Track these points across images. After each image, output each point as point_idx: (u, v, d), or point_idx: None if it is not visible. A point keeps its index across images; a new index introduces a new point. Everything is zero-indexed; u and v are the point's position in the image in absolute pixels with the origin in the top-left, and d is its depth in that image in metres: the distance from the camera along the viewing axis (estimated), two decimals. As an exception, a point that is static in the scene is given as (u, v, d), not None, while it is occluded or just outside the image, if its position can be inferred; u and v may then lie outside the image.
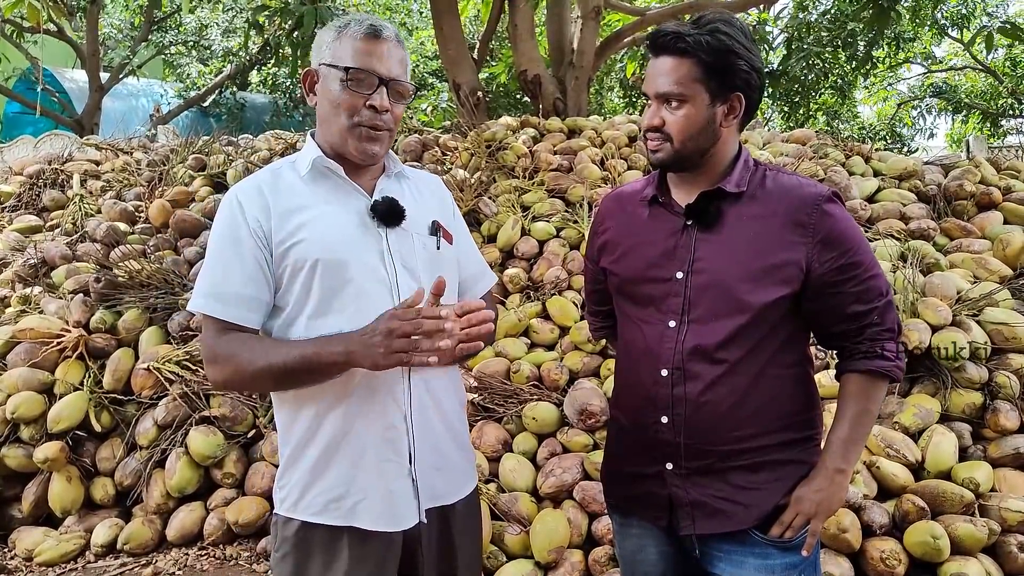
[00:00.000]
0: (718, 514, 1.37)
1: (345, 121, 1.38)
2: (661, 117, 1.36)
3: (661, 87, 1.35)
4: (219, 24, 13.40)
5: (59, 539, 2.94)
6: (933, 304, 2.99)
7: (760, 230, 1.35)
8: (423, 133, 5.20)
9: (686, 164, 1.40)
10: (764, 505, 1.37)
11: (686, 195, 1.43)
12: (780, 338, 1.37)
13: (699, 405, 1.35)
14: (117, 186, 4.88)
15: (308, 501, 1.39)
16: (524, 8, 6.13)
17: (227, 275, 1.37)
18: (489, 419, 3.03)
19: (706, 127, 1.36)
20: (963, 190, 4.04)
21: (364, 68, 1.37)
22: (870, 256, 1.37)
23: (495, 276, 1.70)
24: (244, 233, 1.37)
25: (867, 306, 1.35)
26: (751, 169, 1.43)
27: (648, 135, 1.39)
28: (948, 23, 11.92)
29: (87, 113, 11.54)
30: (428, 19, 12.45)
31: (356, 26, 1.39)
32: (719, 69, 1.33)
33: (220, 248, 1.39)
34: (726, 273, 1.35)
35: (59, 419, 3.03)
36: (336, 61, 1.38)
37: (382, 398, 1.37)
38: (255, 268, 1.37)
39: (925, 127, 15.04)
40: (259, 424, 3.16)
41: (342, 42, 1.39)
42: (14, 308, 3.64)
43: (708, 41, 1.31)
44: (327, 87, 1.40)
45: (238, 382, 1.39)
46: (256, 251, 1.37)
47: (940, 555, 2.34)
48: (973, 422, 2.81)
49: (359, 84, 1.37)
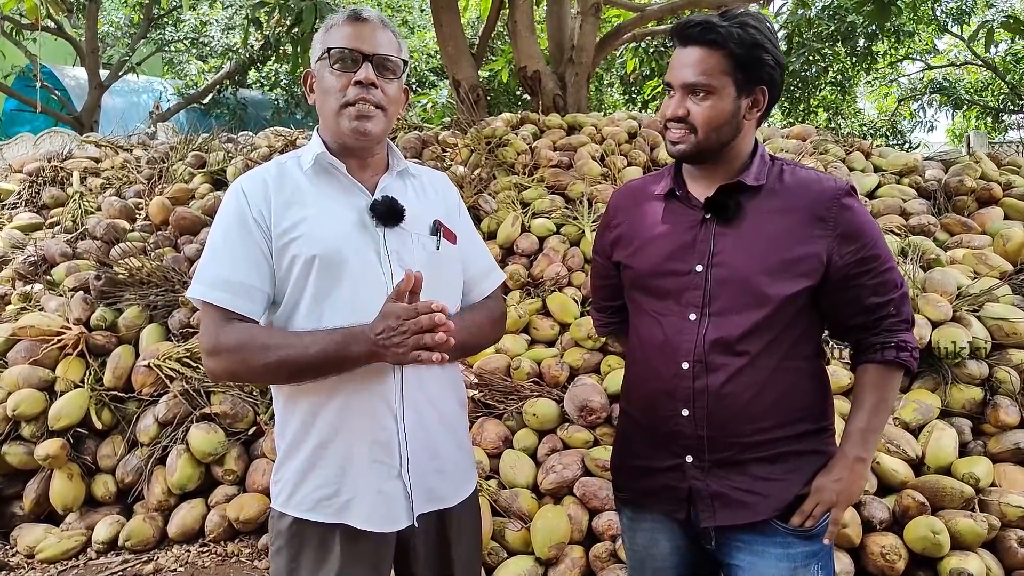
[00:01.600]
0: (738, 505, 1.37)
1: (335, 104, 1.38)
2: (686, 107, 1.36)
3: (689, 77, 1.34)
4: (219, 21, 13.38)
5: (60, 536, 2.95)
6: (934, 300, 2.99)
7: (780, 224, 1.36)
8: (423, 130, 5.19)
9: (707, 156, 1.40)
10: (784, 495, 1.38)
11: (704, 189, 1.43)
12: (797, 331, 1.38)
13: (721, 397, 1.36)
14: (117, 183, 4.87)
15: (300, 497, 1.39)
16: (523, 5, 6.12)
17: (232, 263, 1.35)
18: (489, 416, 3.04)
19: (730, 120, 1.36)
20: (963, 186, 4.03)
21: (345, 46, 1.37)
22: (886, 249, 1.39)
23: (503, 274, 1.70)
24: (249, 222, 1.36)
25: (884, 298, 1.37)
26: (768, 163, 1.44)
27: (670, 126, 1.39)
28: (949, 18, 11.89)
29: (87, 110, 11.54)
30: (428, 16, 12.44)
31: (339, 15, 1.41)
32: (747, 62, 1.34)
33: (224, 236, 1.37)
34: (746, 266, 1.36)
35: (60, 416, 3.03)
36: (321, 51, 1.40)
37: (373, 398, 1.37)
38: (259, 258, 1.36)
39: (925, 120, 15.04)
40: (260, 421, 3.17)
41: (329, 33, 1.41)
42: (14, 306, 3.64)
43: (739, 34, 1.32)
44: (319, 80, 1.42)
45: (243, 373, 1.37)
46: (260, 241, 1.36)
47: (940, 550, 2.35)
48: (973, 417, 2.81)
49: (343, 64, 1.37)
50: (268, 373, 1.34)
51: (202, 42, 13.69)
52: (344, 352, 1.29)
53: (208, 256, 1.38)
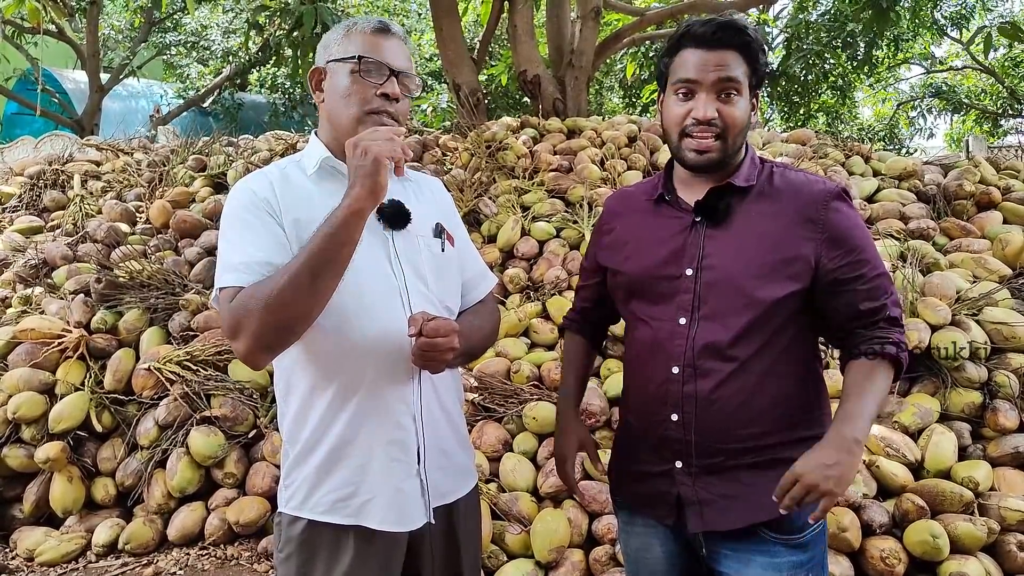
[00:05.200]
0: (727, 512, 1.36)
1: (356, 110, 1.38)
2: (716, 109, 1.35)
3: (724, 75, 1.34)
4: (219, 25, 13.41)
5: (60, 539, 2.95)
6: (932, 304, 3.00)
7: (770, 226, 1.36)
8: (423, 134, 5.21)
9: (727, 163, 1.40)
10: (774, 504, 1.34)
11: (693, 193, 1.44)
12: (789, 335, 1.37)
13: (710, 402, 1.35)
14: (117, 187, 4.88)
15: (316, 500, 1.39)
16: (523, 9, 6.14)
17: (249, 247, 1.31)
18: (489, 419, 3.04)
19: (748, 122, 1.39)
20: (963, 190, 4.05)
21: (375, 58, 1.38)
22: (876, 253, 1.39)
23: (495, 278, 1.72)
24: (264, 210, 1.35)
25: (876, 303, 1.35)
26: (758, 166, 1.44)
27: (696, 131, 1.36)
28: (948, 23, 11.93)
29: (87, 114, 11.55)
30: (427, 21, 12.47)
31: (365, 23, 1.42)
32: (757, 66, 1.37)
33: (243, 222, 1.34)
34: (735, 269, 1.35)
35: (60, 419, 3.03)
36: (346, 55, 1.39)
37: (392, 398, 1.37)
38: (276, 236, 1.34)
39: (924, 127, 15.06)
40: (260, 424, 3.17)
41: (351, 38, 1.40)
42: (15, 309, 3.65)
43: (757, 38, 1.36)
44: (335, 82, 1.41)
45: (273, 325, 1.24)
46: (273, 223, 1.34)
47: (940, 554, 2.35)
48: (972, 421, 2.81)
49: (369, 73, 1.38)
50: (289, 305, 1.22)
51: (202, 45, 13.72)
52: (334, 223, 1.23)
53: (228, 246, 1.34)
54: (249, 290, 1.26)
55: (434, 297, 1.44)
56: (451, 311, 1.50)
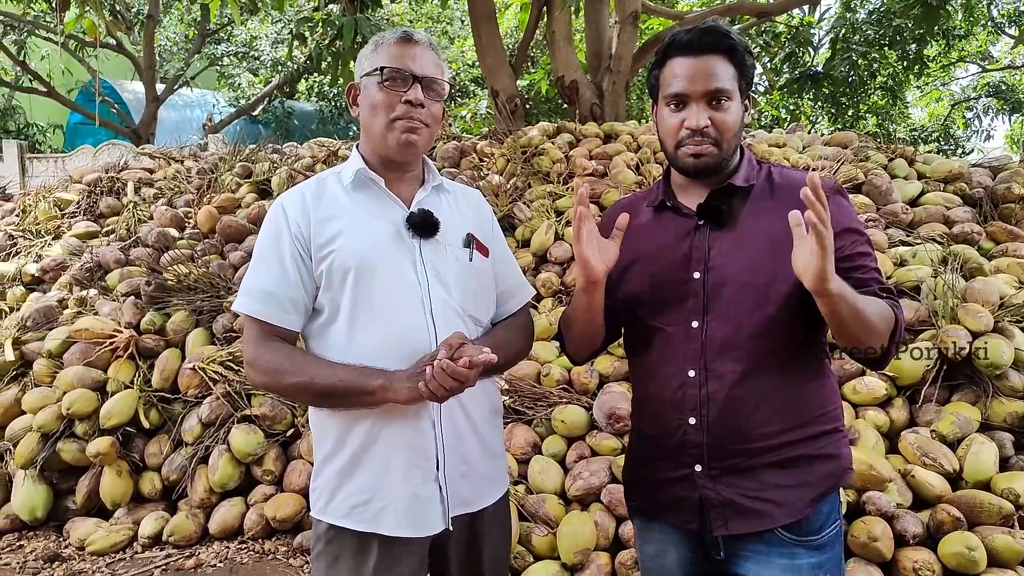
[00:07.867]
0: (750, 513, 1.37)
1: (383, 119, 1.44)
2: (708, 117, 1.36)
3: (712, 85, 1.35)
4: (268, 36, 13.80)
5: (109, 530, 3.08)
6: (973, 310, 2.91)
7: (772, 223, 1.36)
8: (461, 140, 5.28)
9: (723, 167, 1.42)
10: (797, 504, 1.36)
11: (693, 197, 1.45)
12: (800, 332, 1.37)
13: (727, 403, 1.36)
14: (168, 193, 5.08)
15: (336, 504, 1.44)
16: (561, 15, 6.17)
17: (273, 277, 1.43)
18: (519, 421, 3.07)
19: (742, 124, 1.41)
20: (1011, 193, 3.92)
21: (397, 67, 1.44)
22: (871, 246, 1.41)
23: (532, 290, 1.75)
24: (286, 238, 1.44)
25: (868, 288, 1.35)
26: (755, 166, 1.46)
27: (689, 140, 1.37)
28: (1005, 20, 11.50)
29: (143, 123, 12.02)
30: (470, 27, 12.58)
31: (390, 35, 1.48)
32: (745, 70, 1.39)
33: (265, 252, 1.46)
34: (742, 269, 1.36)
35: (110, 416, 3.18)
36: (372, 68, 1.46)
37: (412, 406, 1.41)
38: (296, 272, 1.43)
39: (981, 128, 14.52)
40: (297, 423, 3.26)
41: (378, 51, 1.47)
42: (71, 309, 3.83)
43: (742, 42, 1.38)
44: (367, 95, 1.48)
45: (275, 389, 1.48)
46: (297, 256, 1.43)
47: (976, 567, 2.29)
48: (1015, 432, 2.73)
49: (394, 82, 1.44)
50: (296, 394, 1.47)
51: (252, 55, 14.14)
52: (361, 385, 1.37)
53: (250, 270, 1.47)
54: (274, 361, 1.41)
55: (456, 305, 1.47)
56: (477, 320, 1.53)
